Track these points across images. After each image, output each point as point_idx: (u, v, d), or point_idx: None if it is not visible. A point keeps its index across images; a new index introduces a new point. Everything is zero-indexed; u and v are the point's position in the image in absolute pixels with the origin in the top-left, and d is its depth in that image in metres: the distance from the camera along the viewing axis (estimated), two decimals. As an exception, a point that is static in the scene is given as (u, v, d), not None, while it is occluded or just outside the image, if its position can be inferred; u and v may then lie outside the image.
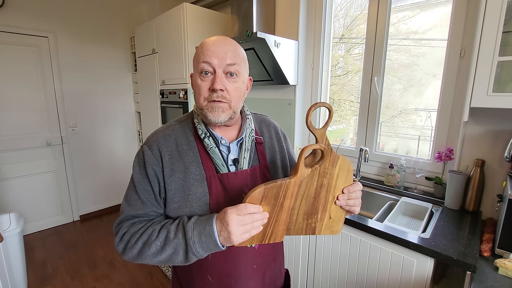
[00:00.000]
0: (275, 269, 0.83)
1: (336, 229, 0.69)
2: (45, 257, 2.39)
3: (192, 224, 0.61)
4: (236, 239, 0.57)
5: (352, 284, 1.27)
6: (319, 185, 0.65)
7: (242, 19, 1.88)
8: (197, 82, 0.66)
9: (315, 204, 0.66)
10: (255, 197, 0.58)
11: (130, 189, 0.70)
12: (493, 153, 1.26)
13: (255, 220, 0.58)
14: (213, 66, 0.63)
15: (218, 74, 0.64)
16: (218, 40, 0.66)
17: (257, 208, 0.58)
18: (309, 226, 0.67)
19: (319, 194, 0.65)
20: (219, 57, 0.63)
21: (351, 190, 0.67)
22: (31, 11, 2.53)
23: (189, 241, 0.60)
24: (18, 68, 2.53)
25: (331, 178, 0.65)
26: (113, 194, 3.33)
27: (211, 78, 0.64)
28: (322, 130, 0.63)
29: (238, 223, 0.57)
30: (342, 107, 2.06)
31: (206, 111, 0.66)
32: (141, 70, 2.80)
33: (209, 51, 0.63)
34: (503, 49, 0.98)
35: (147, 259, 0.63)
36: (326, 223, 0.68)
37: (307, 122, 0.61)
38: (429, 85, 1.60)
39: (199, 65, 0.64)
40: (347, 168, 0.66)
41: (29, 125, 2.66)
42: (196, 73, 0.66)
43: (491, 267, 0.94)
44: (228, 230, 0.57)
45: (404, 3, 1.62)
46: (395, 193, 1.55)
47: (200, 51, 0.65)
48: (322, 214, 0.67)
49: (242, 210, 0.57)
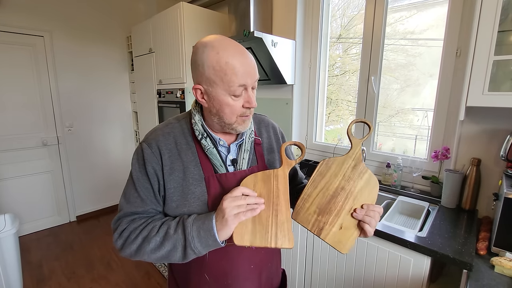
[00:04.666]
0: (272, 269, 0.83)
1: (343, 246, 0.66)
2: (41, 258, 2.37)
3: (192, 220, 0.62)
4: (230, 214, 0.59)
5: (349, 283, 1.27)
6: (340, 186, 0.67)
7: (239, 18, 1.88)
8: (228, 103, 0.63)
9: (330, 204, 0.67)
10: (247, 182, 0.65)
11: (129, 186, 0.70)
12: (489, 152, 1.27)
13: (249, 200, 0.61)
14: (246, 86, 0.63)
15: (250, 92, 0.65)
16: (245, 57, 0.62)
17: (250, 191, 0.62)
18: (317, 223, 0.66)
19: (337, 195, 0.67)
20: (251, 77, 0.63)
21: (370, 208, 0.66)
22: (27, 10, 2.51)
23: (188, 236, 0.60)
24: (13, 68, 2.50)
25: (354, 187, 0.67)
26: (110, 195, 3.31)
27: (242, 96, 0.64)
28: (359, 140, 0.70)
29: (231, 201, 0.59)
30: (339, 107, 2.07)
31: (236, 125, 0.67)
32: (138, 69, 2.79)
33: (244, 72, 0.61)
34: (498, 49, 0.99)
35: (145, 255, 0.63)
36: (335, 231, 0.66)
37: (348, 130, 0.70)
38: (425, 85, 1.61)
39: (233, 88, 0.61)
40: (373, 185, 0.68)
41: (24, 125, 2.64)
42: (224, 93, 0.62)
43: (487, 265, 0.95)
44: (222, 210, 0.59)
45: (401, 3, 1.62)
46: (392, 192, 1.55)
47: (230, 72, 0.60)
48: (334, 218, 0.66)
49: (235, 192, 0.61)
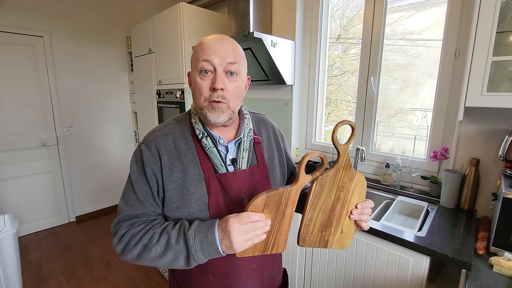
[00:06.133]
0: (274, 269, 0.83)
1: (345, 244, 0.71)
2: (40, 259, 2.37)
3: (194, 232, 0.60)
4: (238, 247, 0.57)
5: (348, 283, 1.28)
6: (336, 198, 0.66)
7: (239, 19, 1.88)
8: (196, 81, 0.64)
9: (331, 217, 0.67)
10: (258, 205, 0.58)
11: (127, 188, 0.69)
12: (488, 152, 1.27)
13: (257, 228, 0.58)
14: (213, 65, 0.62)
15: (219, 73, 0.63)
16: (218, 39, 0.64)
17: (259, 216, 0.58)
18: (322, 239, 0.68)
19: (335, 207, 0.67)
20: (219, 56, 0.62)
21: (364, 206, 0.68)
22: (26, 11, 2.51)
23: (191, 250, 0.59)
24: (12, 68, 2.50)
25: (348, 193, 0.67)
26: (109, 195, 3.30)
27: (211, 77, 0.63)
28: (345, 146, 0.64)
29: (240, 232, 0.56)
30: (338, 107, 2.07)
31: (206, 112, 0.65)
32: (138, 70, 2.79)
33: (210, 49, 0.62)
34: (497, 49, 1.00)
35: (147, 261, 0.63)
36: (337, 237, 0.69)
37: (333, 138, 0.61)
38: (424, 85, 1.62)
39: (199, 63, 0.63)
40: (362, 184, 0.68)
41: (24, 126, 2.63)
42: (195, 71, 0.65)
43: (486, 265, 0.95)
44: (230, 240, 0.56)
45: (400, 4, 1.63)
46: (391, 192, 1.56)
47: (199, 49, 0.64)
48: (335, 227, 0.68)
49: (244, 219, 0.56)
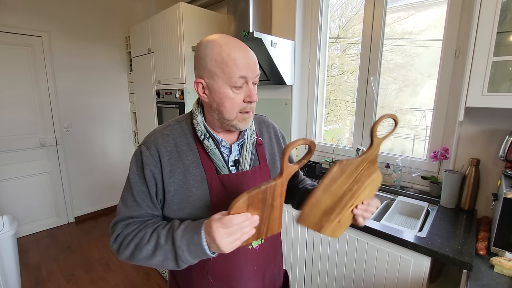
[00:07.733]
0: (275, 270, 0.83)
1: (337, 234, 0.70)
2: (39, 260, 2.36)
3: (181, 232, 0.59)
4: (227, 248, 0.55)
5: (349, 283, 1.28)
6: (349, 188, 0.64)
7: (239, 19, 1.87)
8: (229, 96, 0.64)
9: (336, 205, 0.65)
10: (239, 207, 0.55)
11: (126, 189, 0.69)
12: (488, 152, 1.27)
13: (244, 228, 0.56)
14: (247, 79, 0.64)
15: (251, 86, 0.65)
16: (245, 51, 0.64)
17: (244, 217, 0.55)
18: (319, 223, 0.66)
19: (344, 196, 0.65)
20: (252, 70, 0.64)
21: (371, 204, 0.68)
22: (24, 10, 2.50)
23: (177, 250, 0.58)
24: (10, 68, 2.49)
25: (361, 187, 0.66)
26: (108, 195, 3.29)
27: (243, 90, 0.65)
28: (381, 140, 0.63)
29: (225, 236, 0.55)
30: (338, 107, 2.07)
31: (236, 122, 0.67)
32: (137, 70, 2.78)
33: (244, 65, 0.62)
34: (497, 50, 1.00)
35: (140, 261, 0.63)
36: (333, 225, 0.68)
37: (373, 128, 0.61)
38: (423, 85, 1.62)
39: (234, 79, 0.62)
40: (376, 184, 0.68)
41: (22, 126, 2.62)
42: (225, 85, 0.63)
43: (486, 265, 0.95)
44: (217, 244, 0.55)
45: (399, 3, 1.63)
46: (391, 193, 1.56)
47: (231, 63, 0.62)
48: (336, 215, 0.66)
49: (227, 224, 0.54)
